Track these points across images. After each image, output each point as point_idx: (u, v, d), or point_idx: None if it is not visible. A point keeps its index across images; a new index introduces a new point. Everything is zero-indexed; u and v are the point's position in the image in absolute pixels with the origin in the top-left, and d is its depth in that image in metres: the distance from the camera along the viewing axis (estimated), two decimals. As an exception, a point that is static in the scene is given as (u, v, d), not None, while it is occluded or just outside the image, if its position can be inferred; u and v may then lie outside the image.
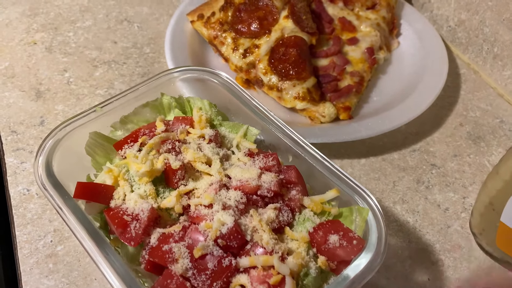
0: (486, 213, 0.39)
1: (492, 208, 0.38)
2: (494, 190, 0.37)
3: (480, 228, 0.40)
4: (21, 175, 0.46)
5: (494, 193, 0.37)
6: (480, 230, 0.41)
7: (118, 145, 0.40)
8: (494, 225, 0.38)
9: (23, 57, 0.58)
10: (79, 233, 0.34)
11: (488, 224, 0.39)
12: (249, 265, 0.33)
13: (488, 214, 0.39)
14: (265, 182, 0.37)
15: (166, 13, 0.65)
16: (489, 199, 0.38)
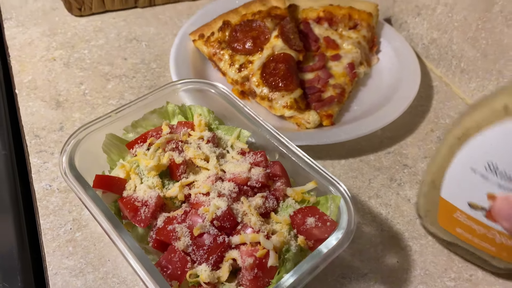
0: (429, 192, 0.43)
1: (434, 186, 0.42)
2: (435, 167, 0.41)
3: (425, 209, 0.44)
4: (44, 173, 0.53)
5: (435, 170, 0.41)
6: (425, 211, 0.44)
7: (130, 145, 0.47)
8: (435, 204, 0.42)
9: (44, 71, 0.66)
10: (99, 217, 0.40)
11: (432, 203, 0.42)
12: (239, 242, 0.40)
13: (431, 193, 0.42)
14: (254, 175, 0.44)
15: (171, 33, 0.73)
16: (431, 177, 0.42)
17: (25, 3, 0.77)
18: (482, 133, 0.36)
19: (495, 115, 0.36)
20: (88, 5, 0.74)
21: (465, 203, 0.40)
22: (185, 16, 0.76)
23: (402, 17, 0.73)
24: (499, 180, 0.36)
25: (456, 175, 0.39)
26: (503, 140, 0.36)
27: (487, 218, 0.39)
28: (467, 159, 0.38)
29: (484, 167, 0.37)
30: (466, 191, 0.39)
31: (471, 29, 0.60)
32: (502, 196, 0.37)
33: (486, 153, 0.37)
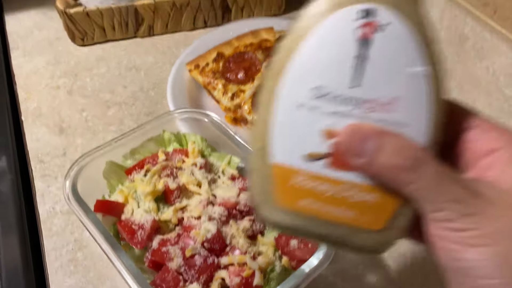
0: (260, 165, 0.30)
1: (263, 153, 0.29)
2: (260, 127, 0.29)
3: (262, 192, 0.30)
4: (48, 197, 0.57)
5: (260, 131, 0.29)
6: (262, 196, 0.30)
7: (128, 171, 0.51)
8: (270, 178, 0.30)
9: (49, 99, 0.70)
10: (99, 239, 0.43)
11: (266, 180, 0.30)
12: (228, 263, 0.43)
13: (262, 165, 0.30)
14: (243, 199, 0.47)
15: (168, 62, 0.77)
16: (258, 143, 0.29)
17: (31, 33, 0.81)
18: (299, 52, 0.27)
19: (309, 24, 0.27)
20: (90, 35, 0.79)
21: (302, 158, 0.28)
22: (182, 45, 0.81)
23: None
24: (330, 106, 0.28)
25: (284, 123, 0.29)
26: (319, 50, 0.27)
27: (333, 167, 0.28)
28: (291, 95, 0.28)
29: (312, 96, 0.27)
30: (300, 139, 0.29)
31: (447, 61, 0.65)
32: (343, 127, 0.27)
33: (308, 76, 0.27)
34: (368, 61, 0.26)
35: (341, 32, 0.26)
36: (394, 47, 0.26)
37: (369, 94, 0.26)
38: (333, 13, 0.26)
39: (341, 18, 0.26)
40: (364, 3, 0.25)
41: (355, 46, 0.26)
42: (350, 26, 0.26)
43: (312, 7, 0.27)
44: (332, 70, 0.27)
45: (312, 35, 0.27)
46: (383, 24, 0.26)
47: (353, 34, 0.26)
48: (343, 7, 0.26)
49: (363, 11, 0.26)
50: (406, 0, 0.26)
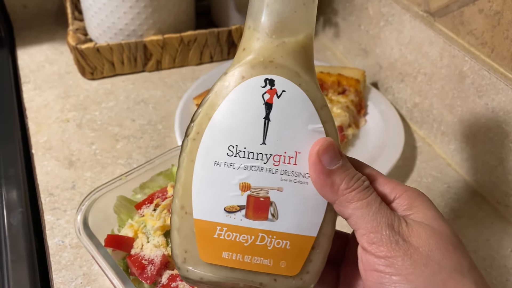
0: (182, 223, 0.32)
1: (185, 212, 0.32)
2: (180, 188, 0.32)
3: (183, 249, 0.32)
4: (57, 230, 0.58)
5: (181, 191, 0.32)
6: (183, 254, 0.32)
7: (138, 205, 0.52)
8: (193, 233, 0.31)
9: (58, 132, 0.71)
10: (109, 273, 0.44)
11: (188, 237, 0.32)
12: (237, 298, 0.44)
13: (184, 222, 0.32)
14: (251, 235, 0.48)
15: (176, 96, 0.79)
16: (180, 203, 0.32)
17: (42, 67, 0.84)
18: (213, 119, 0.31)
19: (218, 96, 0.31)
20: (99, 69, 0.81)
21: (221, 212, 0.31)
22: (189, 79, 0.83)
23: (388, 82, 0.80)
24: (244, 161, 0.31)
25: (202, 182, 0.31)
26: (231, 116, 0.31)
27: (248, 217, 0.31)
28: (207, 155, 0.31)
29: (226, 153, 0.31)
30: (218, 194, 0.31)
31: (448, 97, 0.67)
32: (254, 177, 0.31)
33: (224, 138, 0.31)
34: (272, 121, 0.31)
35: (250, 97, 0.31)
36: (291, 109, 0.31)
37: (276, 150, 0.31)
38: (244, 81, 0.31)
39: (250, 86, 0.31)
40: (267, 74, 0.31)
41: (262, 109, 0.31)
42: (258, 93, 0.31)
43: (228, 76, 0.32)
44: (245, 130, 0.31)
45: (226, 101, 0.31)
46: (281, 91, 0.31)
47: (260, 99, 0.31)
48: (252, 77, 0.31)
49: (267, 80, 0.31)
50: (297, 72, 0.31)
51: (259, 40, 0.31)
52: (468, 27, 0.62)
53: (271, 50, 0.31)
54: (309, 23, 0.32)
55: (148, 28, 0.80)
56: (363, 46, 0.84)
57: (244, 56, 0.32)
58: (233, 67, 0.32)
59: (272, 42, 0.31)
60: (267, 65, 0.31)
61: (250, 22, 0.32)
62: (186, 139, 0.32)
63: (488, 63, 0.59)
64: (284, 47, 0.31)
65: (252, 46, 0.32)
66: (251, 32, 0.32)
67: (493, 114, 0.59)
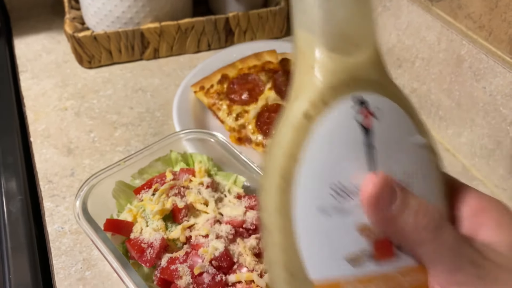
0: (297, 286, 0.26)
1: (292, 275, 0.26)
2: (278, 245, 0.26)
3: None
4: (56, 216, 0.58)
5: (279, 249, 0.26)
6: None
7: (137, 190, 0.52)
8: None
9: (57, 120, 0.71)
10: (109, 257, 0.44)
11: None
12: (235, 280, 0.44)
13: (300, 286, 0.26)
14: (249, 218, 0.49)
15: (174, 84, 0.79)
16: (283, 266, 0.26)
17: (39, 56, 0.84)
18: (302, 163, 0.25)
19: (299, 131, 0.25)
20: (97, 58, 0.81)
21: (343, 265, 0.26)
22: (187, 67, 0.83)
23: (385, 69, 0.79)
24: (355, 200, 0.25)
25: (311, 234, 0.26)
26: (326, 151, 0.26)
27: (378, 261, 0.26)
28: (308, 200, 0.25)
29: (330, 196, 0.25)
30: (335, 247, 0.26)
31: (445, 81, 0.67)
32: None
33: (322, 180, 0.26)
34: (375, 145, 0.26)
35: (341, 124, 0.25)
36: (391, 127, 0.26)
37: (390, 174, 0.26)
38: (327, 107, 0.25)
39: (337, 110, 0.25)
40: (353, 92, 0.26)
41: (359, 133, 0.26)
42: (349, 116, 0.25)
43: (301, 105, 0.26)
44: (345, 163, 0.25)
45: (312, 135, 0.25)
46: (374, 108, 0.26)
47: (354, 122, 0.26)
48: (337, 99, 0.25)
49: (355, 99, 0.26)
50: (382, 84, 0.26)
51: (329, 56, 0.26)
52: (465, 10, 0.61)
53: (347, 64, 0.26)
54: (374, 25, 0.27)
55: (145, 15, 0.80)
56: (361, 33, 0.84)
57: (314, 78, 0.26)
58: (303, 93, 0.26)
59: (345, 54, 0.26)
60: (349, 82, 0.26)
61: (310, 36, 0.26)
62: (267, 191, 0.26)
63: (485, 47, 0.59)
64: (359, 58, 0.26)
65: (321, 63, 0.26)
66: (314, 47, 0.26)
67: (491, 97, 0.59)
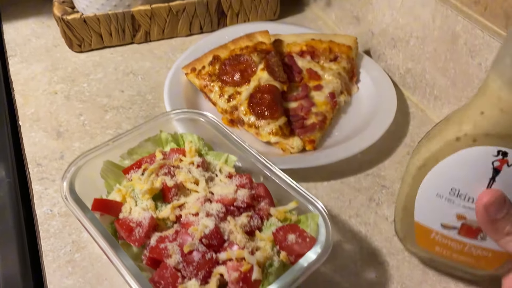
0: (404, 217, 0.47)
1: (407, 212, 0.46)
2: (404, 195, 0.46)
3: (403, 232, 0.49)
4: (45, 199, 0.57)
5: (405, 198, 0.46)
6: (403, 234, 0.49)
7: (126, 170, 0.51)
8: (412, 227, 0.47)
9: (46, 104, 0.70)
10: (97, 237, 0.43)
11: (408, 227, 0.47)
12: (226, 258, 0.43)
13: (406, 217, 0.47)
14: (240, 196, 0.48)
15: (165, 67, 0.78)
16: (403, 204, 0.47)
17: (28, 41, 0.82)
18: (441, 163, 0.41)
19: (449, 146, 0.40)
20: (87, 41, 0.80)
21: (438, 225, 0.45)
22: (178, 51, 0.82)
23: (380, 49, 0.78)
24: (464, 202, 0.42)
25: (424, 201, 0.44)
26: (460, 167, 0.40)
27: (460, 235, 0.44)
28: (431, 186, 0.43)
29: (448, 192, 0.42)
30: (437, 214, 0.44)
31: (440, 59, 0.66)
32: (470, 214, 0.42)
33: (448, 180, 0.42)
34: (497, 182, 0.39)
35: (481, 161, 0.39)
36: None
37: None
38: (475, 145, 0.38)
39: (482, 151, 0.38)
40: (500, 146, 0.37)
41: (490, 171, 0.39)
42: (489, 159, 0.38)
43: (461, 132, 0.39)
44: (472, 182, 0.40)
45: (456, 155, 0.39)
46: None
47: (490, 164, 0.38)
48: (486, 145, 0.38)
49: (500, 151, 0.37)
50: None
51: (502, 111, 0.36)
52: (460, -14, 0.60)
53: (511, 124, 0.36)
54: None
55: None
56: (355, 14, 0.83)
57: (480, 122, 0.37)
58: (463, 124, 0.39)
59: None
60: (504, 138, 0.35)
61: (503, 85, 0.36)
62: (411, 163, 0.44)
63: (481, 22, 0.58)
64: None
65: (492, 113, 0.36)
66: (498, 100, 0.36)
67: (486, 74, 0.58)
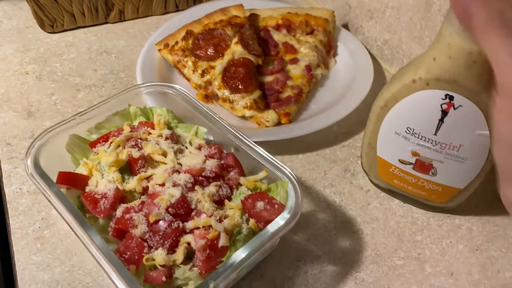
0: (368, 152, 0.52)
1: (371, 147, 0.51)
2: (369, 132, 0.50)
3: (368, 165, 0.54)
4: (14, 178, 0.56)
5: (369, 134, 0.50)
6: (368, 167, 0.54)
7: (92, 144, 0.50)
8: (375, 161, 0.52)
9: (17, 85, 0.69)
10: (62, 211, 0.42)
11: (372, 161, 0.52)
12: (193, 226, 0.42)
13: (370, 152, 0.51)
14: (208, 166, 0.47)
15: (139, 45, 0.77)
16: (368, 140, 0.51)
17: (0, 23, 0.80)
18: (399, 103, 0.45)
19: (406, 88, 0.43)
20: (59, 21, 0.78)
21: (396, 160, 0.50)
22: (153, 29, 0.80)
23: (358, 22, 0.77)
24: (417, 140, 0.46)
25: (385, 138, 0.49)
26: (414, 108, 0.44)
27: (415, 170, 0.49)
28: (391, 125, 0.47)
29: (405, 131, 0.46)
30: (395, 150, 0.49)
31: (416, 28, 0.65)
32: (423, 151, 0.47)
33: (404, 119, 0.45)
34: (445, 123, 0.42)
35: (431, 101, 0.42)
36: (463, 118, 0.41)
37: (443, 140, 0.44)
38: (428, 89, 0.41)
39: (432, 94, 0.41)
40: (449, 91, 0.40)
41: (439, 113, 0.42)
42: (438, 101, 0.42)
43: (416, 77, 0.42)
44: (422, 121, 0.44)
45: (412, 96, 0.43)
46: (458, 105, 0.41)
47: (439, 106, 0.42)
48: (436, 89, 0.41)
49: (447, 95, 0.41)
50: (477, 92, 0.39)
51: (450, 58, 0.38)
52: (433, -49, 0.59)
53: (458, 70, 0.38)
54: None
55: (106, -25, 0.77)
56: (333, -13, 0.81)
57: (433, 67, 0.40)
58: (419, 68, 0.41)
59: (461, 63, 0.38)
60: (451, 83, 0.37)
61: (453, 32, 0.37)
62: (376, 105, 0.48)
63: (454, -13, 0.57)
64: (470, 69, 0.38)
65: (442, 59, 0.39)
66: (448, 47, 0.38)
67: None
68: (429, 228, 0.52)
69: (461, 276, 0.48)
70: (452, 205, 0.52)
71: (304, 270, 0.48)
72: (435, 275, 0.48)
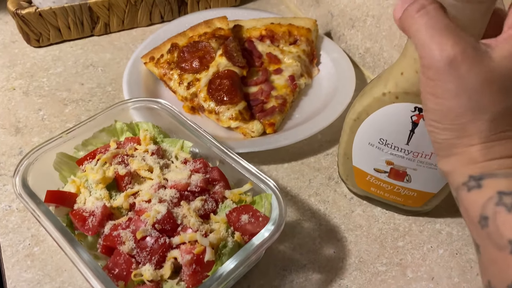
0: (344, 162, 0.54)
1: (347, 157, 0.53)
2: (344, 143, 0.52)
3: (345, 175, 0.55)
4: (4, 195, 0.56)
5: (344, 145, 0.52)
6: (345, 176, 0.56)
7: (80, 161, 0.51)
8: (351, 170, 0.54)
9: (4, 101, 0.69)
10: (50, 229, 0.43)
11: (348, 170, 0.54)
12: (179, 242, 0.43)
13: (346, 162, 0.53)
14: (194, 180, 0.48)
15: (125, 57, 0.77)
16: (343, 151, 0.53)
17: (-15, 38, 0.81)
18: (371, 116, 0.46)
19: (377, 102, 0.45)
20: (45, 36, 0.79)
21: (371, 169, 0.52)
22: (139, 41, 0.81)
23: (340, 30, 0.79)
24: (391, 150, 0.48)
25: (359, 148, 0.51)
26: (386, 120, 0.46)
27: (390, 178, 0.51)
28: (364, 136, 0.49)
29: (378, 142, 0.48)
30: (370, 160, 0.51)
31: (396, 37, 0.66)
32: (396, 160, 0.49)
33: (377, 131, 0.47)
34: (416, 134, 0.45)
35: (401, 113, 0.44)
36: None
37: (415, 149, 0.46)
38: (398, 102, 0.43)
39: (402, 107, 0.43)
40: (416, 103, 0.42)
41: (409, 124, 0.44)
42: (408, 113, 0.43)
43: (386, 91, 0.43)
44: (394, 132, 0.46)
45: (383, 109, 0.44)
46: None
47: (409, 118, 0.44)
48: (405, 102, 0.43)
49: (416, 108, 0.43)
50: None
51: (417, 72, 0.39)
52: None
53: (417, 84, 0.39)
54: None
55: (91, -11, 0.77)
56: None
57: (401, 81, 0.41)
58: (388, 82, 0.43)
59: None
60: (419, 96, 0.37)
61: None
62: (348, 116, 0.50)
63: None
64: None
65: (409, 74, 0.40)
66: (414, 62, 0.39)
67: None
68: (411, 234, 0.54)
69: (441, 280, 0.50)
70: (428, 208, 0.54)
71: (290, 279, 0.49)
72: (416, 280, 0.50)
